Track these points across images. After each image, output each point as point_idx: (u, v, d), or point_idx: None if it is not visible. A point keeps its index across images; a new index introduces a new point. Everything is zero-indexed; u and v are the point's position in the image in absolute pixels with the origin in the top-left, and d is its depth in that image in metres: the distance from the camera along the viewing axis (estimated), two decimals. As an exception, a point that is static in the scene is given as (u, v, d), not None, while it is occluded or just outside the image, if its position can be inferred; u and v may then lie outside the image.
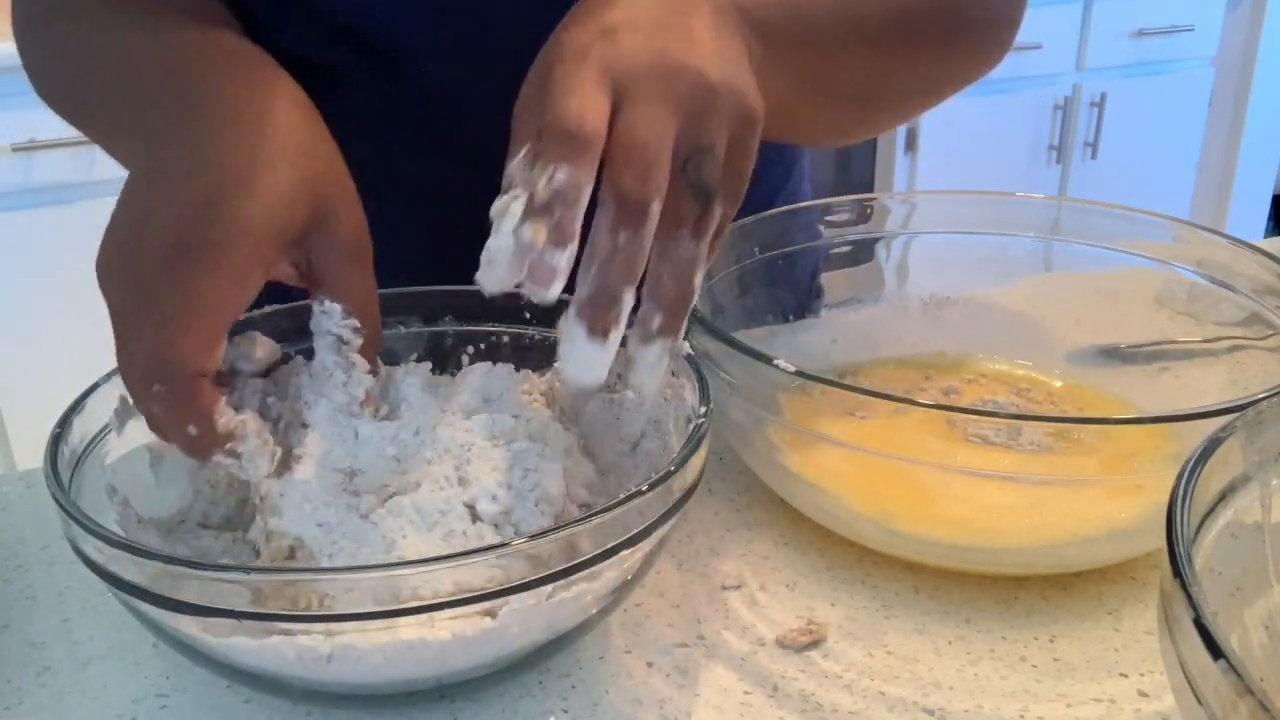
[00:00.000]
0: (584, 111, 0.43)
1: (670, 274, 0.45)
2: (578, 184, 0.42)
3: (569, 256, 0.42)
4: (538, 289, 0.42)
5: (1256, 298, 0.60)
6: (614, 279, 0.43)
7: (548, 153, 0.43)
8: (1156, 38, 2.60)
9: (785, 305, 0.68)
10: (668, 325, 0.45)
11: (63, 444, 0.45)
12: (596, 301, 0.43)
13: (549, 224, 0.42)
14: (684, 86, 0.44)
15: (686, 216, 0.44)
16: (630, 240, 0.43)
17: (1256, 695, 0.29)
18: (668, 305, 0.45)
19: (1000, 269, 0.69)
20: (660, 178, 0.43)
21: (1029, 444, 0.47)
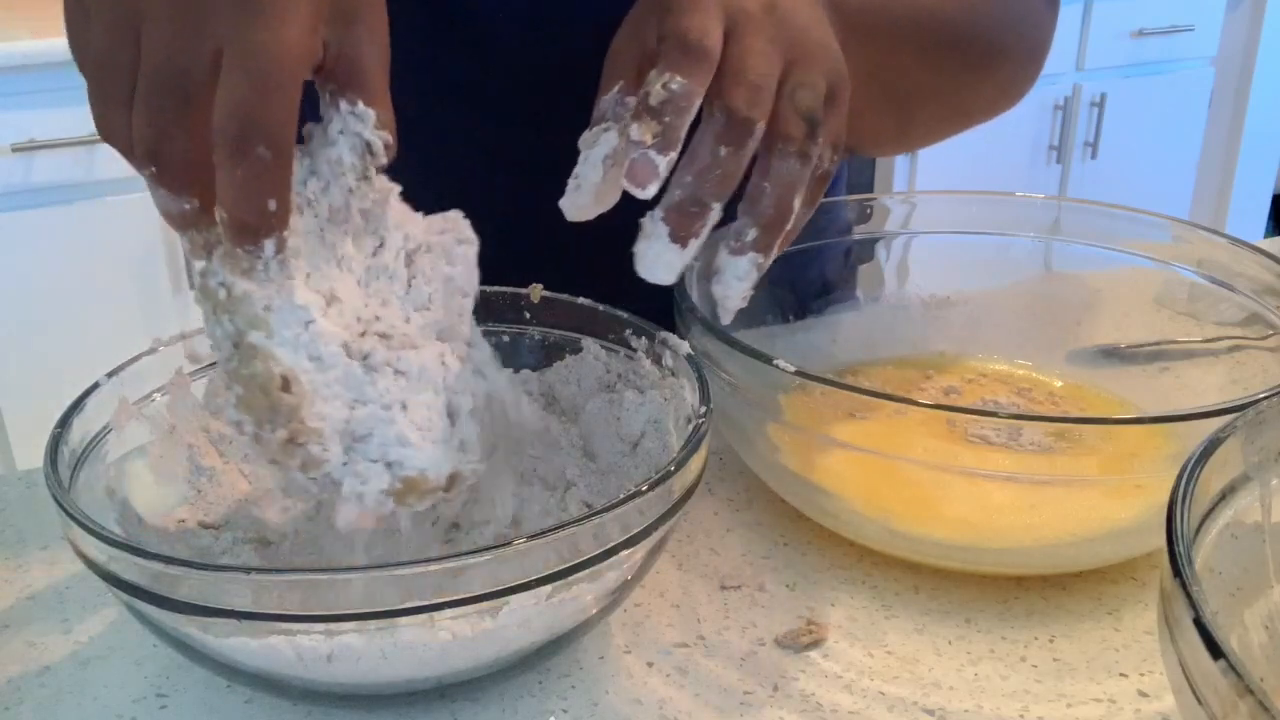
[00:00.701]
0: (706, 27, 0.44)
1: (772, 191, 0.45)
2: (691, 94, 0.44)
3: (669, 163, 0.44)
4: (636, 186, 0.44)
5: (1256, 298, 0.60)
6: (708, 189, 0.44)
7: (668, 59, 0.44)
8: (1156, 38, 2.60)
9: (785, 305, 0.68)
10: (761, 240, 0.46)
11: (63, 444, 0.45)
12: (685, 208, 0.44)
13: (658, 127, 0.43)
14: (792, 32, 0.46)
15: (793, 135, 0.45)
16: (731, 156, 0.44)
17: (1256, 695, 0.29)
18: (765, 220, 0.46)
19: (1000, 269, 0.69)
20: (767, 101, 0.45)
21: (1029, 444, 0.47)
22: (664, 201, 0.45)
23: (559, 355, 0.57)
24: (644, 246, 0.45)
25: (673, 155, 0.44)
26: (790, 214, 0.46)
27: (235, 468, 0.53)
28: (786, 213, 0.46)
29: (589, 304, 0.55)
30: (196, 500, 0.52)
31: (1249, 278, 0.61)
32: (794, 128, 0.46)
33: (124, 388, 0.50)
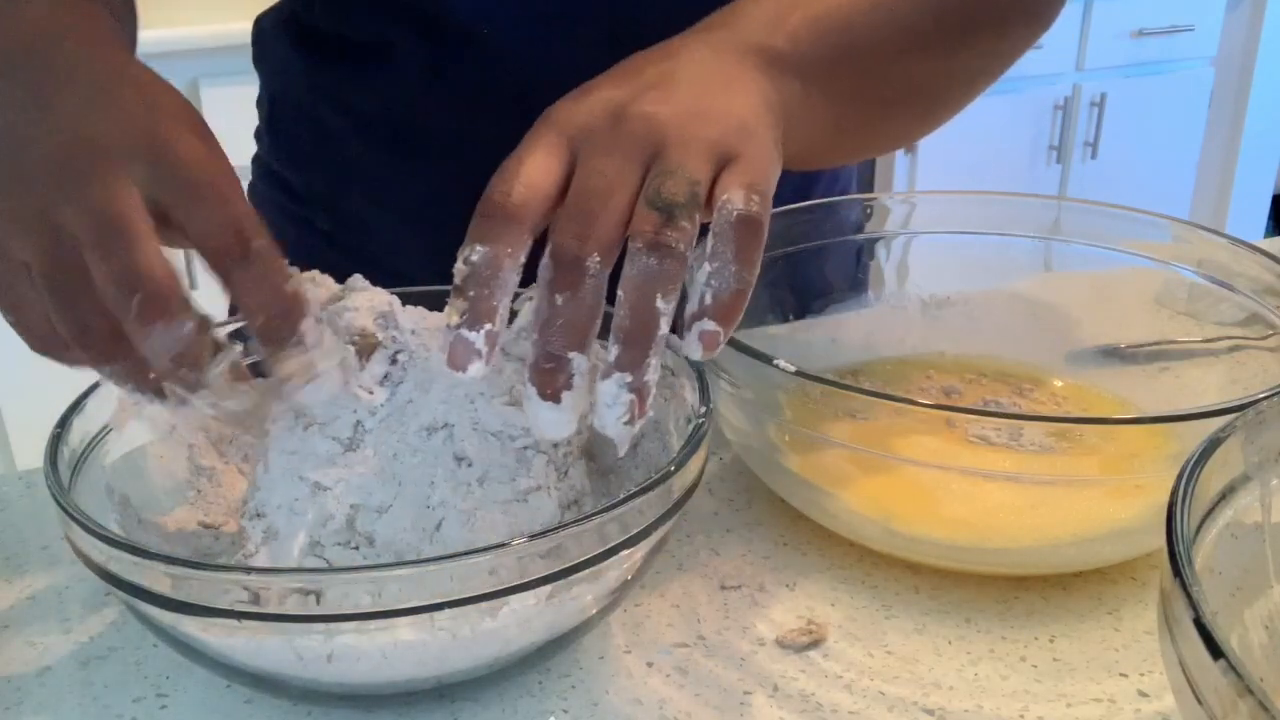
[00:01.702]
0: (516, 183, 0.42)
1: (626, 298, 0.41)
2: (495, 262, 0.41)
3: (488, 334, 0.41)
4: (458, 370, 0.41)
5: (1256, 298, 0.60)
6: (555, 342, 0.41)
7: (471, 230, 0.42)
8: (1156, 38, 2.60)
9: (785, 305, 0.68)
10: (624, 358, 0.41)
11: (63, 444, 0.45)
12: (541, 365, 0.41)
13: (463, 304, 0.41)
14: (655, 123, 0.43)
15: (643, 230, 0.41)
16: (569, 301, 0.40)
17: (1256, 695, 0.29)
18: (624, 335, 0.41)
19: (1000, 269, 0.69)
20: (601, 229, 0.41)
21: (1030, 444, 0.47)
22: (527, 362, 0.42)
23: (559, 355, 0.57)
24: (529, 410, 0.42)
25: (490, 326, 0.41)
26: (654, 320, 0.41)
27: (235, 468, 0.53)
28: (648, 321, 0.41)
29: (589, 304, 0.55)
30: (196, 500, 0.52)
31: (1249, 278, 0.61)
32: (644, 223, 0.41)
33: (124, 388, 0.50)
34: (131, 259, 0.40)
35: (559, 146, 0.43)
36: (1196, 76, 2.70)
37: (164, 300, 0.40)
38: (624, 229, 0.42)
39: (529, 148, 0.43)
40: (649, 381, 0.41)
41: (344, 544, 0.44)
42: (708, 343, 0.42)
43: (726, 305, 0.42)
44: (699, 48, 0.48)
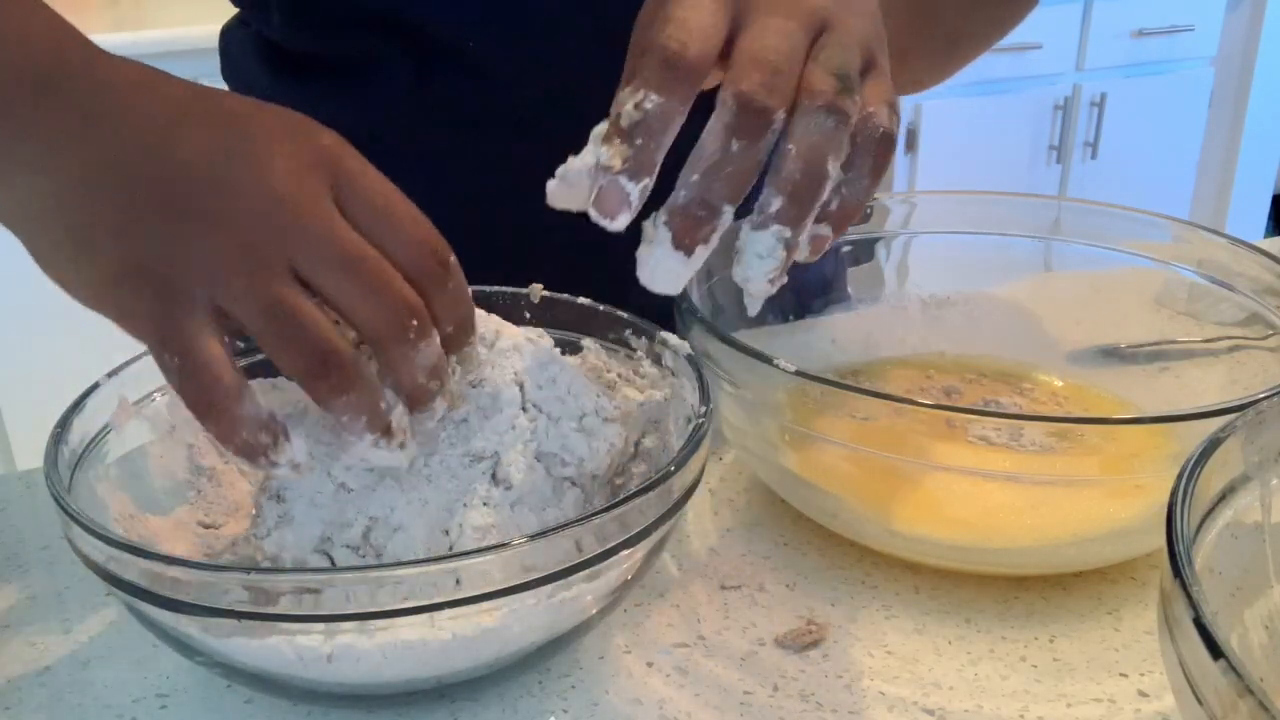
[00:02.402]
0: (691, 35, 0.39)
1: (798, 152, 0.39)
2: (667, 114, 0.39)
3: (643, 190, 0.39)
4: (604, 217, 0.40)
5: (1256, 298, 0.60)
6: (717, 190, 0.39)
7: (642, 75, 0.39)
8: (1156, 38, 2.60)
9: (785, 305, 0.68)
10: (787, 211, 0.40)
11: (63, 444, 0.45)
12: (691, 211, 0.39)
13: (628, 150, 0.39)
14: (816, 2, 0.42)
15: (821, 89, 0.40)
16: (744, 150, 0.39)
17: (1256, 695, 0.29)
18: (791, 186, 0.39)
19: (1000, 269, 0.69)
20: (786, 87, 0.39)
21: (1030, 444, 0.47)
22: (668, 204, 0.40)
23: (559, 355, 0.57)
24: (645, 253, 0.40)
25: (647, 182, 0.39)
26: (822, 180, 0.40)
27: (235, 468, 0.53)
28: (817, 178, 0.40)
29: (589, 304, 0.55)
30: (196, 500, 0.52)
31: (1249, 278, 0.61)
32: (821, 82, 0.40)
33: (124, 388, 0.50)
34: (395, 288, 0.40)
35: (720, 9, 0.41)
36: (1196, 76, 2.70)
37: (426, 322, 0.42)
38: (797, 89, 0.40)
39: (692, 3, 0.41)
40: (801, 243, 0.41)
41: (353, 549, 0.44)
42: (816, 246, 0.42)
43: (848, 213, 0.42)
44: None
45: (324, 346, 0.40)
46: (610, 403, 0.49)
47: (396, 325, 0.40)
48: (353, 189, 0.41)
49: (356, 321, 0.41)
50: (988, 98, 2.46)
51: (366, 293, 0.40)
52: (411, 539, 0.44)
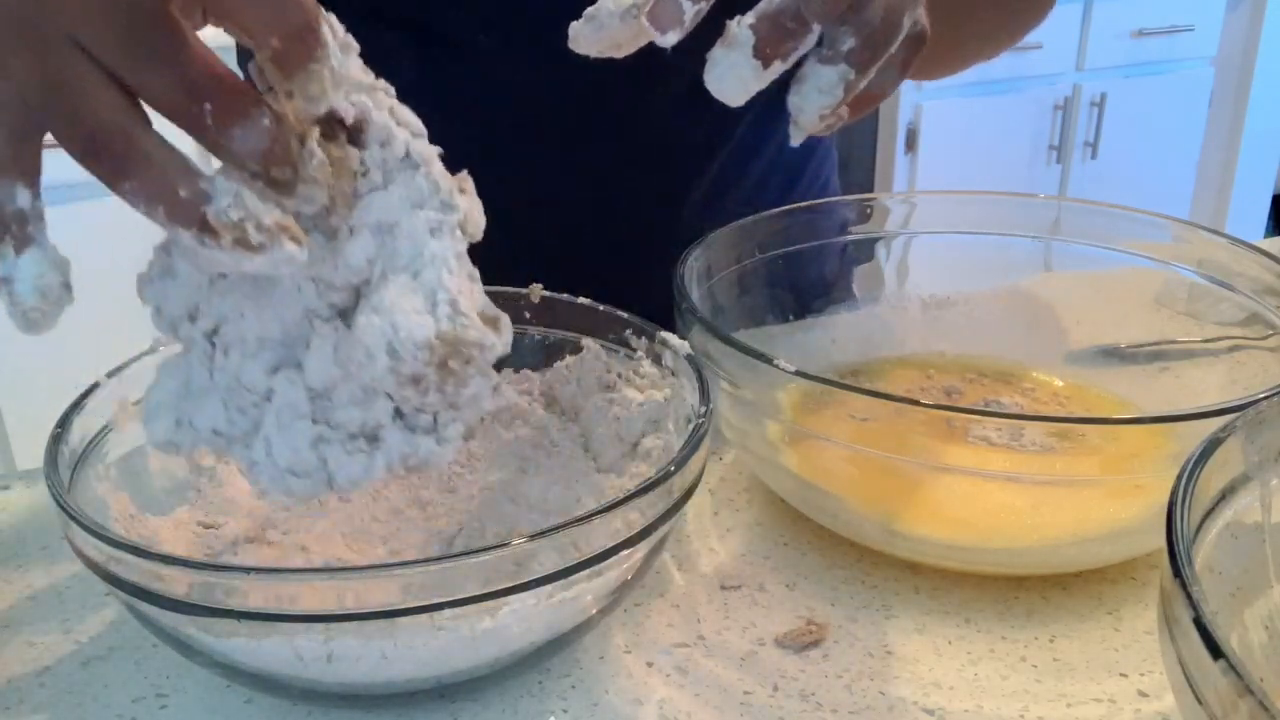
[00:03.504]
0: None
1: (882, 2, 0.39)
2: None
3: (698, 12, 0.38)
4: (656, 30, 0.38)
5: (1256, 298, 0.60)
6: (813, 4, 0.38)
7: None
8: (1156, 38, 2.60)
9: (785, 305, 0.68)
10: (858, 54, 0.39)
11: (63, 444, 0.45)
12: (781, 20, 0.38)
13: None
14: None
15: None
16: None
17: (1256, 695, 0.29)
18: (869, 31, 0.39)
19: (1000, 269, 0.69)
20: None
21: (1030, 444, 0.47)
22: (759, 7, 0.38)
23: (559, 355, 0.57)
24: (721, 54, 0.38)
25: (703, 5, 0.38)
26: (897, 30, 0.39)
27: (235, 468, 0.53)
28: (893, 28, 0.39)
29: (589, 304, 0.55)
30: (196, 500, 0.52)
31: (1249, 278, 0.61)
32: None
33: (124, 388, 0.50)
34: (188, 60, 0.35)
35: None
36: (1196, 76, 2.70)
37: (237, 97, 0.35)
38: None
39: None
40: (858, 89, 0.40)
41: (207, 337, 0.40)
42: (829, 123, 0.42)
43: (872, 98, 0.42)
44: None
45: (89, 125, 0.35)
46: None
47: (184, 94, 0.35)
48: None
49: (144, 96, 0.35)
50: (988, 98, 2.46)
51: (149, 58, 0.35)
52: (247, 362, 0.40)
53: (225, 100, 0.35)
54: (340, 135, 0.39)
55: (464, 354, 0.38)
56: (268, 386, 0.40)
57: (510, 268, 0.55)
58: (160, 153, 0.35)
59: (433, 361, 0.38)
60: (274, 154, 0.36)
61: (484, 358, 0.39)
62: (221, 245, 0.36)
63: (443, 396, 0.38)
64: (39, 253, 0.37)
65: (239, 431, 0.41)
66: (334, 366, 0.39)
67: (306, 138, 0.37)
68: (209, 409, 0.40)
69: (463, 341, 0.38)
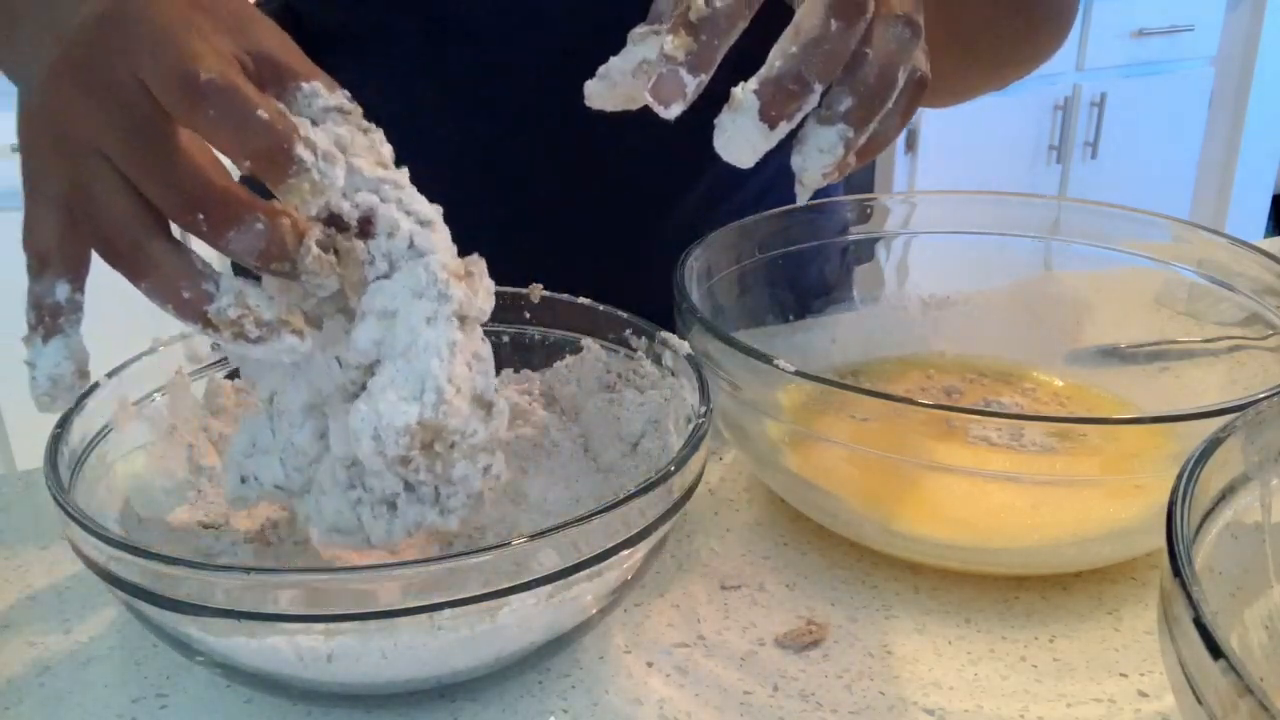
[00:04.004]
0: None
1: (875, 58, 0.41)
2: (735, 13, 0.40)
3: (700, 84, 0.40)
4: (659, 104, 0.40)
5: (1256, 298, 0.60)
6: (814, 65, 0.40)
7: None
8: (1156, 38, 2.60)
9: (785, 305, 0.68)
10: (855, 112, 0.41)
11: (63, 444, 0.45)
12: (784, 83, 0.40)
13: (692, 44, 0.40)
14: None
15: (900, 2, 0.41)
16: (842, 32, 0.40)
17: (1256, 695, 0.29)
18: (864, 89, 0.41)
19: (1000, 269, 0.69)
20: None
21: (1030, 444, 0.47)
22: (761, 73, 0.40)
23: (559, 355, 0.57)
24: (729, 119, 0.40)
25: (704, 78, 0.40)
26: (892, 87, 0.42)
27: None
28: (888, 84, 0.41)
29: (589, 304, 0.55)
30: (196, 500, 0.52)
31: (1249, 278, 0.61)
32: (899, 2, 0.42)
33: (124, 388, 0.50)
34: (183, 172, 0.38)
35: None
36: (1196, 76, 2.70)
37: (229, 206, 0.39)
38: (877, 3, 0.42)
39: None
40: (858, 145, 0.42)
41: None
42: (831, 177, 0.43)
43: (876, 144, 0.44)
44: None
45: (107, 231, 0.39)
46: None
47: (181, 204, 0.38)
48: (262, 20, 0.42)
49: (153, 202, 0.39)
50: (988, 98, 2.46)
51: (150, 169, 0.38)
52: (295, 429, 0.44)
53: (218, 211, 0.38)
54: (351, 226, 0.42)
55: (446, 439, 0.41)
56: (318, 449, 0.45)
57: (510, 268, 0.55)
58: (168, 258, 0.39)
59: (415, 446, 0.41)
60: (269, 253, 0.39)
61: (466, 443, 0.42)
62: (223, 338, 0.40)
63: (433, 476, 0.41)
64: (62, 343, 0.42)
65: (296, 486, 0.46)
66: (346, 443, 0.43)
67: (305, 235, 0.40)
68: (271, 467, 0.46)
69: (443, 429, 0.41)
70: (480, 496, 0.43)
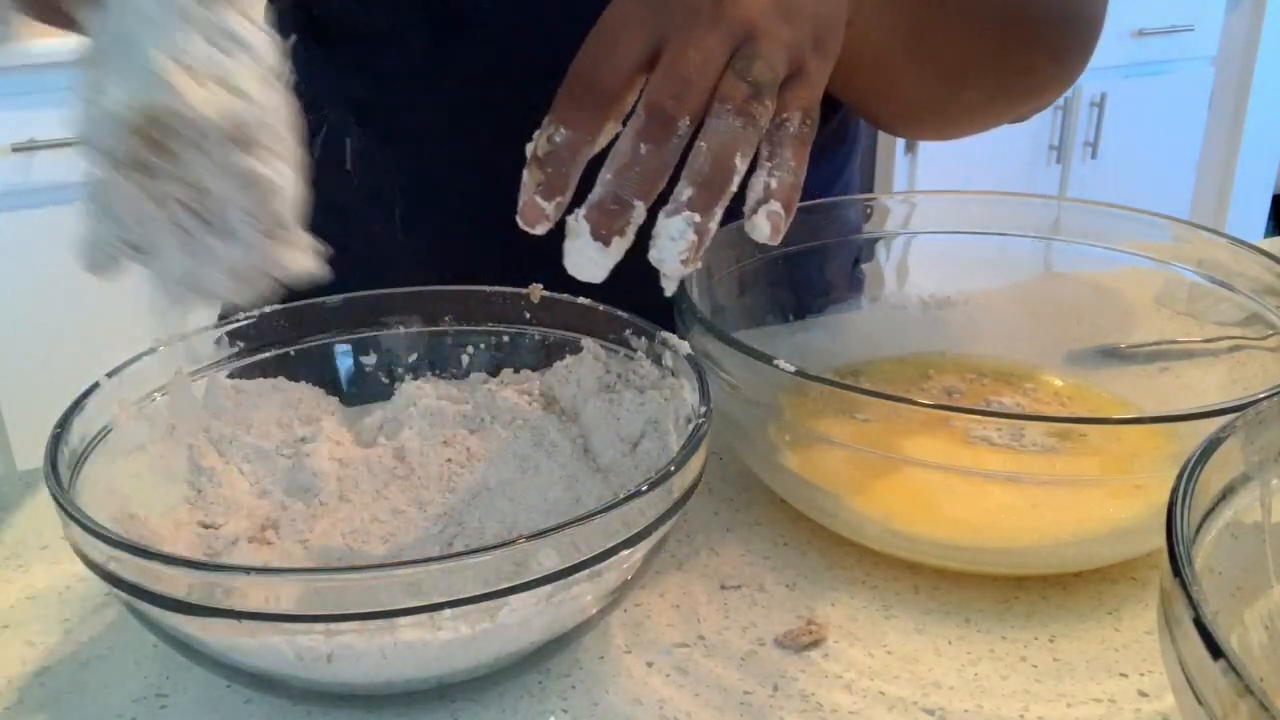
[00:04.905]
0: (605, 66, 0.44)
1: (708, 147, 0.44)
2: (574, 146, 0.44)
3: (558, 205, 0.44)
4: (526, 225, 0.44)
5: (1256, 298, 0.60)
6: (627, 187, 0.43)
7: (556, 105, 0.45)
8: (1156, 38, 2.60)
9: (785, 305, 0.68)
10: (697, 199, 0.43)
11: (63, 444, 0.45)
12: (605, 206, 0.43)
13: (541, 176, 0.44)
14: (747, 11, 0.45)
15: (731, 95, 0.44)
16: (651, 153, 0.43)
17: (1256, 695, 0.29)
18: (700, 179, 0.44)
19: (1000, 269, 0.69)
20: (695, 96, 0.44)
21: (1030, 444, 0.47)
22: (588, 200, 0.44)
23: (559, 355, 0.57)
24: (569, 245, 0.44)
25: (561, 199, 0.44)
26: (730, 173, 0.44)
27: (235, 468, 0.53)
28: (724, 172, 0.44)
29: (589, 304, 0.55)
30: (196, 500, 0.52)
31: (1249, 278, 0.61)
32: (733, 90, 0.44)
33: (124, 388, 0.50)
34: None
35: (651, 13, 0.45)
36: (1196, 76, 2.70)
37: None
38: (711, 98, 0.44)
39: (622, 21, 0.45)
40: (710, 229, 0.44)
41: None
42: (774, 223, 0.45)
43: (788, 190, 0.45)
44: None
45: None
46: None
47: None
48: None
49: None
50: (987, 98, 2.46)
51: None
52: None
53: None
54: None
55: (167, 127, 0.34)
56: None
57: (510, 267, 0.55)
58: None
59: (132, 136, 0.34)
60: None
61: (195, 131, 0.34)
62: None
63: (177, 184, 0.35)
64: None
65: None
66: None
67: None
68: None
69: (161, 110, 0.34)
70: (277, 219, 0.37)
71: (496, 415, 0.56)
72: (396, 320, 0.58)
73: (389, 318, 0.58)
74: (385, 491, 0.53)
